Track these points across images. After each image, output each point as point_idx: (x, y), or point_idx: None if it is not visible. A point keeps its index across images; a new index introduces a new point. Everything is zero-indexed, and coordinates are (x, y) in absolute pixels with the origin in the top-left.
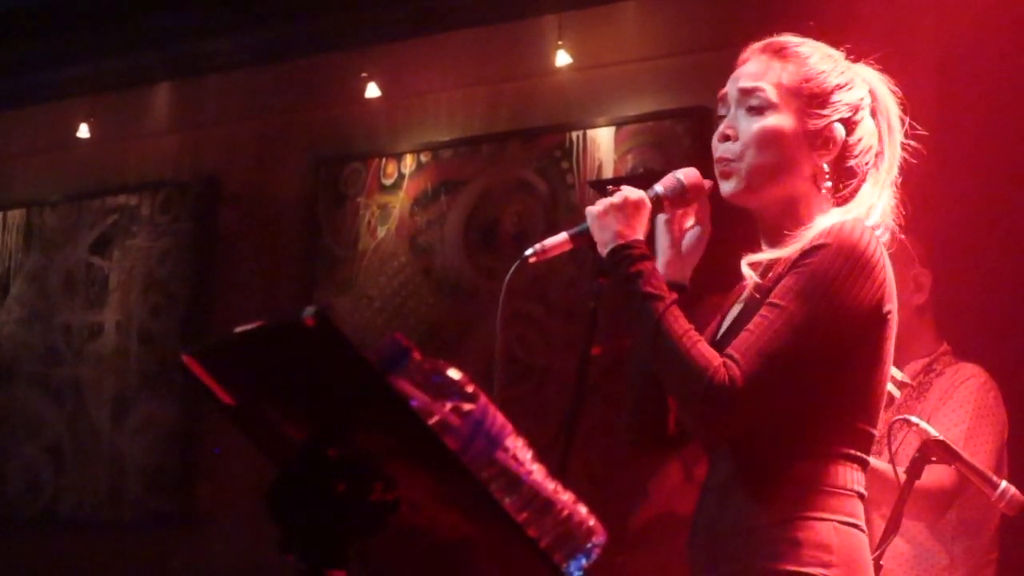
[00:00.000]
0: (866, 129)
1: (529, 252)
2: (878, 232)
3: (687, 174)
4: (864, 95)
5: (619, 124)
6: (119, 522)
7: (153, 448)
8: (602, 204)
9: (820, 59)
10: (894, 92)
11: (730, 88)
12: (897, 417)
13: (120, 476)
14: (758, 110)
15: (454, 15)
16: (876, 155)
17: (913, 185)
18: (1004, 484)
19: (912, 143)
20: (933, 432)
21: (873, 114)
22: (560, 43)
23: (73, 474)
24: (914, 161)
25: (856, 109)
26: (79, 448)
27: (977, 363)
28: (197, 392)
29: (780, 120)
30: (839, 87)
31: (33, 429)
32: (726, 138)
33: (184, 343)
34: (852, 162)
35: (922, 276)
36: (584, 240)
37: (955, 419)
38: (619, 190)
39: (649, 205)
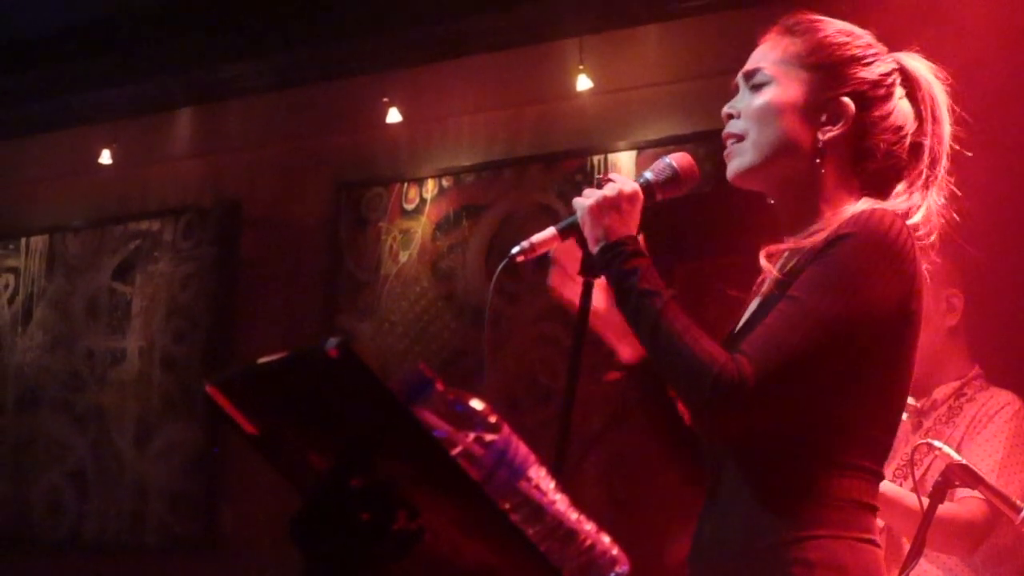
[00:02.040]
0: (893, 109)
1: (516, 250)
2: (919, 233)
3: (678, 159)
4: (889, 72)
5: (640, 148)
6: (142, 546)
7: (176, 473)
8: (593, 196)
9: (835, 32)
10: (943, 80)
11: (740, 73)
12: (920, 441)
13: (143, 500)
14: (759, 87)
15: (475, 40)
16: (914, 145)
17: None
18: None
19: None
20: (956, 456)
21: (913, 99)
22: (581, 67)
23: (96, 498)
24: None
25: (876, 84)
26: (102, 473)
27: (1010, 387)
28: (219, 418)
29: (780, 93)
30: (854, 59)
31: (56, 454)
32: (730, 117)
33: (207, 368)
34: (872, 141)
35: (955, 297)
36: (573, 234)
37: (988, 450)
38: (611, 180)
39: (643, 198)
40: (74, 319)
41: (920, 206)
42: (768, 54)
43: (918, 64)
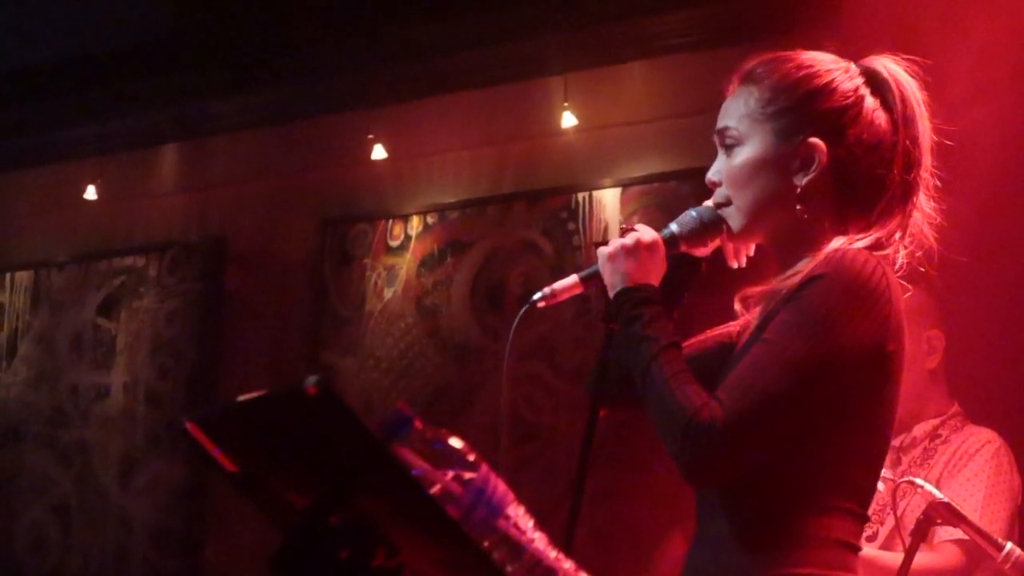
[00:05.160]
0: (865, 129)
1: (538, 296)
2: (904, 251)
3: (702, 211)
4: (855, 89)
5: (625, 185)
6: None
7: (160, 508)
8: (614, 245)
9: (789, 71)
10: (914, 75)
11: (714, 133)
12: (902, 480)
13: (127, 536)
14: (731, 148)
15: (460, 76)
16: (891, 149)
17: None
18: (1010, 546)
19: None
20: (938, 494)
21: (886, 106)
22: (566, 104)
23: (80, 534)
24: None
25: (843, 111)
26: (86, 508)
27: (989, 422)
28: (199, 455)
29: (750, 151)
30: (813, 93)
31: (41, 489)
32: (713, 185)
33: (191, 404)
34: (851, 168)
35: (935, 339)
36: (595, 283)
37: (970, 488)
38: (633, 230)
39: (663, 247)
40: (58, 355)
41: (907, 216)
42: (733, 109)
43: (886, 65)
